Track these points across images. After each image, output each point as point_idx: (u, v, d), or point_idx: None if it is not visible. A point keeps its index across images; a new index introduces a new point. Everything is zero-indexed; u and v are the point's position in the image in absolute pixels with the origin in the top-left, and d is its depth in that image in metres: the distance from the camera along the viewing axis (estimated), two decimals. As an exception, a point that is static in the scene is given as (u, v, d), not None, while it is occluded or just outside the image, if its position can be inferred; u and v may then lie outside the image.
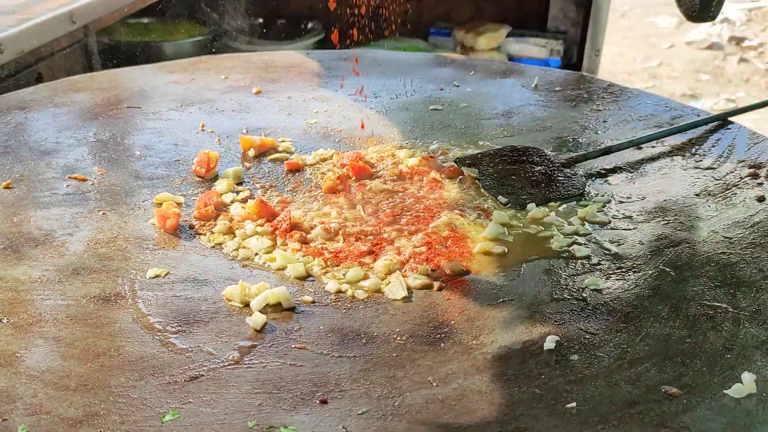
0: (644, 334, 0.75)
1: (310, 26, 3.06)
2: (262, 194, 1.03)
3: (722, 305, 0.79)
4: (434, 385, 0.68)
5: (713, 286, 0.83)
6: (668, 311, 0.78)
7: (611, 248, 0.90)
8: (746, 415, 0.64)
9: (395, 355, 0.72)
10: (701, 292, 0.82)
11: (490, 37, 2.95)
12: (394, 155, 1.14)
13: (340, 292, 0.82)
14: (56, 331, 0.74)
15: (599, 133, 1.24)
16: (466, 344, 0.73)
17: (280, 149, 1.16)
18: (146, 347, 0.72)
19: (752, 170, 1.08)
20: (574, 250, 0.90)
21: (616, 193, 1.04)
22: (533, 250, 0.90)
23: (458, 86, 1.44)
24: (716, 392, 0.66)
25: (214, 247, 0.90)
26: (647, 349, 0.72)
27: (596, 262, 0.88)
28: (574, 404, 0.65)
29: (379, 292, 0.82)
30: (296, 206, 1.00)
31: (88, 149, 1.14)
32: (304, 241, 0.91)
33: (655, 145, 1.18)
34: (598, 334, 0.75)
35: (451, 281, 0.84)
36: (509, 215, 0.97)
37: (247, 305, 0.78)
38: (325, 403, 0.65)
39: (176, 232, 0.92)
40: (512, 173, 1.07)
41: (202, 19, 2.87)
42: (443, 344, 0.73)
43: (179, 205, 0.98)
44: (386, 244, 0.91)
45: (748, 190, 1.03)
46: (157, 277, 0.83)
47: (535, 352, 0.72)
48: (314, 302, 0.80)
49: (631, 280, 0.84)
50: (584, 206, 1.00)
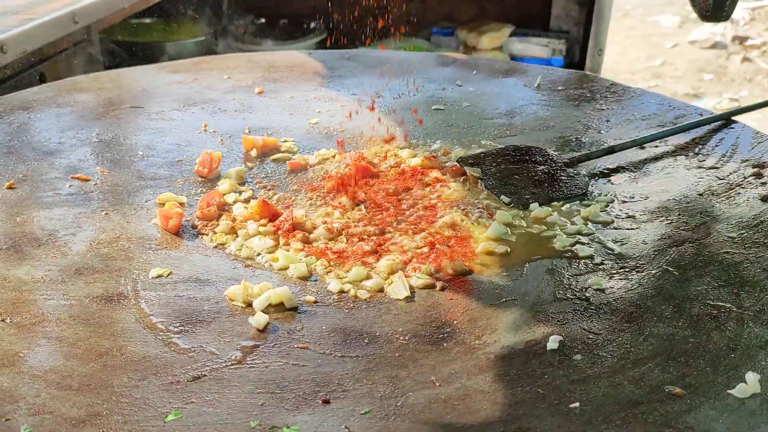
0: (647, 333, 0.75)
1: (312, 26, 3.06)
2: (264, 194, 1.03)
3: (726, 305, 0.79)
4: (437, 385, 0.68)
5: (717, 285, 0.82)
6: (672, 311, 0.78)
7: (614, 248, 0.90)
8: (750, 415, 0.63)
9: (398, 355, 0.72)
10: (705, 291, 0.81)
11: (492, 36, 2.95)
12: (396, 155, 1.14)
13: (342, 292, 0.82)
14: (59, 331, 0.74)
15: (602, 132, 1.23)
16: (468, 344, 0.73)
17: (282, 149, 1.16)
18: (149, 347, 0.72)
19: (756, 170, 1.07)
20: (577, 249, 0.90)
21: (619, 192, 1.04)
22: (536, 249, 0.90)
23: (461, 86, 1.44)
24: (720, 392, 0.66)
25: (216, 247, 0.90)
26: (651, 348, 0.72)
27: (599, 261, 0.87)
28: (577, 404, 0.65)
29: (381, 291, 0.82)
30: (299, 206, 1.00)
31: (90, 149, 1.14)
32: (306, 241, 0.91)
33: (658, 144, 1.18)
34: (601, 333, 0.75)
35: (453, 281, 0.84)
36: (512, 215, 0.97)
37: (249, 305, 0.78)
38: (327, 403, 0.65)
39: (179, 232, 0.92)
40: (515, 173, 1.06)
41: (204, 19, 2.87)
42: (446, 344, 0.73)
43: (182, 205, 0.98)
44: (389, 244, 0.90)
45: (751, 189, 1.03)
46: (159, 277, 0.83)
47: (538, 351, 0.72)
48: (317, 302, 0.80)
49: (634, 279, 0.84)
50: (587, 206, 1.00)
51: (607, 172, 1.10)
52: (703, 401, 0.65)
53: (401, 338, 0.74)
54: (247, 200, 1.00)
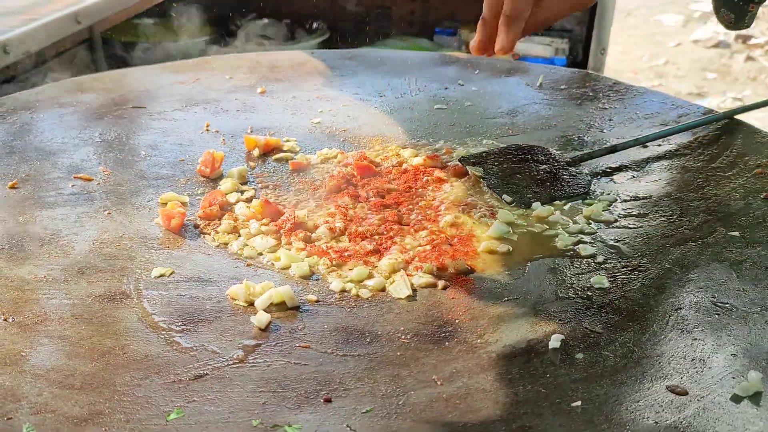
0: (650, 332, 0.75)
1: (315, 26, 3.06)
2: (266, 194, 1.03)
3: (729, 303, 0.79)
4: (439, 383, 0.68)
5: (720, 284, 0.82)
6: (674, 310, 0.78)
7: (617, 247, 0.90)
8: (753, 413, 0.63)
9: (399, 353, 0.72)
10: (708, 290, 0.81)
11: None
12: (398, 154, 1.14)
13: (344, 291, 0.82)
14: (61, 330, 0.74)
15: (605, 131, 1.23)
16: (470, 343, 0.73)
17: (284, 149, 1.16)
18: (151, 346, 0.72)
19: (759, 169, 1.07)
20: (579, 248, 0.89)
21: (621, 191, 1.04)
22: (538, 248, 0.90)
23: (463, 85, 1.44)
24: (723, 391, 0.66)
25: (218, 246, 0.90)
26: (653, 347, 0.72)
27: (602, 260, 0.87)
28: (579, 403, 0.65)
29: (383, 291, 0.82)
30: (301, 206, 1.00)
31: (93, 149, 1.14)
32: (308, 240, 0.91)
33: (661, 143, 1.18)
34: (603, 332, 0.75)
35: (455, 280, 0.84)
36: (515, 214, 0.97)
37: (251, 304, 0.78)
38: (329, 401, 0.65)
39: (181, 231, 0.93)
40: (517, 172, 1.06)
41: (206, 19, 2.87)
42: (448, 343, 0.73)
43: (184, 204, 0.99)
44: (391, 243, 0.90)
45: (755, 188, 1.03)
46: (161, 276, 0.83)
47: (540, 350, 0.72)
48: (318, 301, 0.80)
49: (636, 278, 0.84)
50: (589, 205, 0.99)
51: (609, 171, 1.10)
52: (705, 400, 0.65)
53: (403, 337, 0.74)
54: (249, 200, 1.01)
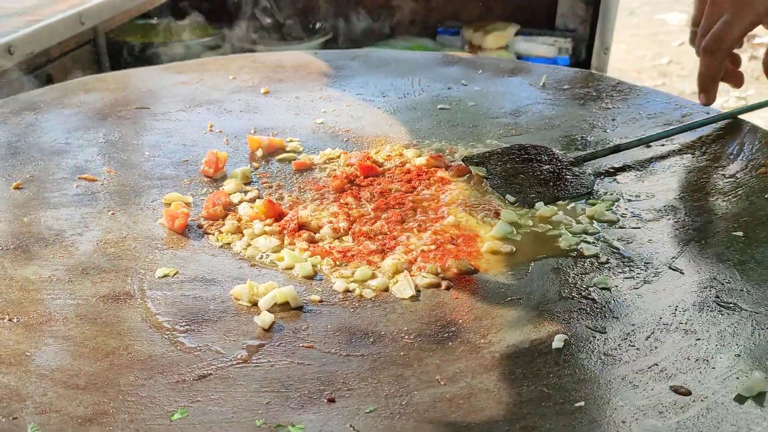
0: (653, 332, 0.74)
1: (318, 26, 3.07)
2: (269, 194, 1.03)
3: (731, 303, 0.79)
4: (442, 383, 0.68)
5: (723, 284, 0.82)
6: (677, 310, 0.78)
7: (620, 247, 0.90)
8: (757, 414, 0.63)
9: (403, 354, 0.72)
10: (711, 290, 0.81)
11: (498, 35, 2.95)
12: (401, 154, 1.14)
13: (347, 291, 0.82)
14: (66, 330, 0.74)
15: (608, 131, 1.23)
16: (473, 343, 0.73)
17: (288, 149, 1.16)
18: (155, 346, 0.72)
19: (763, 168, 1.07)
20: (582, 248, 0.89)
21: (625, 191, 1.04)
22: (541, 248, 0.90)
23: (466, 85, 1.44)
24: (726, 391, 0.66)
25: (222, 246, 0.90)
26: (656, 347, 0.72)
27: (605, 260, 0.87)
28: (582, 403, 0.65)
29: (386, 291, 0.82)
30: (304, 206, 1.00)
31: (97, 150, 1.15)
32: (312, 240, 0.91)
33: (664, 143, 1.18)
34: (606, 332, 0.75)
35: (459, 280, 0.84)
36: (519, 214, 0.97)
37: (255, 304, 0.79)
38: (332, 401, 0.65)
39: (185, 231, 0.93)
40: (520, 172, 1.06)
41: (210, 19, 2.88)
42: (451, 343, 0.73)
43: (188, 205, 0.99)
44: (395, 243, 0.90)
45: (758, 187, 1.03)
46: (165, 276, 0.84)
47: (543, 350, 0.72)
48: (322, 301, 0.80)
49: (639, 278, 0.84)
50: (593, 205, 0.99)
51: (612, 170, 1.10)
52: (709, 400, 0.65)
53: (406, 337, 0.74)
54: (252, 200, 1.01)
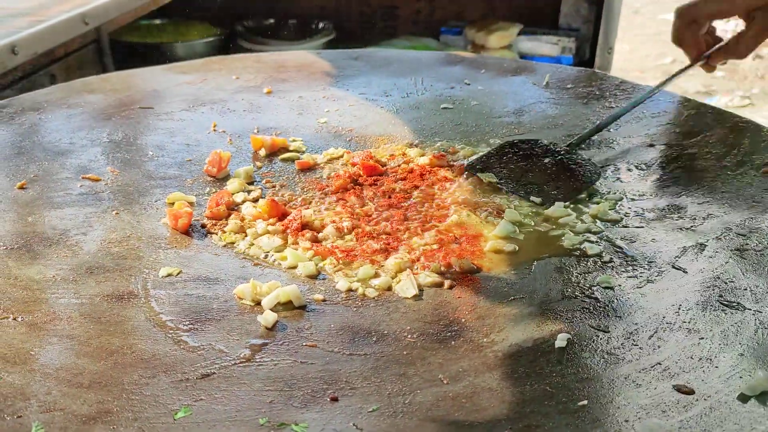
0: (656, 331, 0.74)
1: (321, 26, 3.07)
2: (273, 194, 1.03)
3: (735, 303, 0.79)
4: (445, 382, 0.68)
5: (726, 283, 0.82)
6: (681, 309, 0.78)
7: (623, 246, 0.90)
8: (760, 413, 0.63)
9: (406, 353, 0.72)
10: (714, 289, 0.81)
11: (501, 35, 2.95)
12: (404, 154, 1.14)
13: (350, 290, 0.82)
14: (70, 329, 0.74)
15: (611, 130, 1.23)
16: (476, 342, 0.73)
17: (291, 149, 1.16)
18: (159, 345, 0.72)
19: (766, 167, 1.07)
20: (585, 247, 0.89)
21: (628, 190, 1.03)
22: (544, 248, 0.90)
23: (469, 84, 1.44)
24: (729, 390, 0.66)
25: (225, 246, 0.91)
26: (659, 346, 0.72)
27: (608, 259, 0.87)
28: (585, 402, 0.65)
29: (389, 290, 0.82)
30: (307, 206, 1.00)
31: (101, 150, 1.15)
32: (315, 239, 0.91)
33: (668, 142, 1.18)
34: (609, 331, 0.75)
35: (462, 279, 0.84)
36: (522, 214, 0.97)
37: (258, 303, 0.79)
38: (336, 400, 0.65)
39: (188, 231, 0.93)
40: (526, 170, 1.06)
41: (213, 19, 2.89)
42: (454, 342, 0.73)
43: (191, 204, 0.99)
44: (398, 242, 0.90)
45: (762, 187, 1.02)
46: (169, 275, 0.84)
47: (546, 350, 0.72)
48: (325, 300, 0.80)
49: (642, 277, 0.84)
50: (596, 204, 0.99)
51: (616, 170, 1.10)
52: (712, 399, 0.65)
53: (409, 336, 0.74)
54: (255, 199, 1.01)
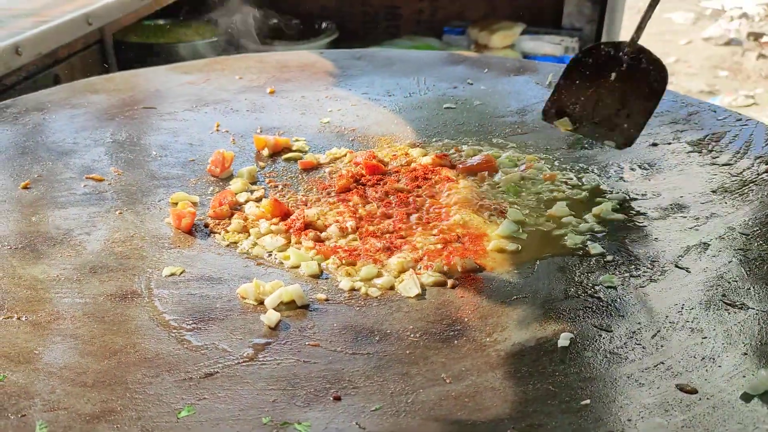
0: (659, 331, 0.74)
1: (324, 26, 3.07)
2: (275, 193, 1.03)
3: (738, 302, 0.78)
4: (447, 382, 0.68)
5: (729, 282, 0.82)
6: (683, 308, 0.78)
7: (626, 245, 0.90)
8: (764, 412, 0.63)
9: (408, 352, 0.72)
10: (717, 288, 0.81)
11: (504, 35, 2.95)
12: (407, 154, 1.14)
13: (353, 289, 0.82)
14: (74, 328, 0.75)
15: (614, 129, 1.23)
16: (479, 341, 0.73)
17: (294, 148, 1.17)
18: (162, 344, 0.72)
19: (770, 166, 1.07)
20: (588, 247, 0.89)
21: (631, 190, 1.03)
22: (547, 247, 0.90)
23: (472, 84, 1.44)
24: (732, 389, 0.66)
25: (228, 245, 0.91)
26: (662, 346, 0.72)
27: (610, 259, 0.87)
28: (588, 401, 0.65)
29: (392, 289, 0.82)
30: (309, 205, 1.00)
31: (104, 150, 1.15)
32: (318, 239, 0.92)
33: (671, 141, 1.18)
34: (612, 331, 0.75)
35: (464, 279, 0.84)
36: (525, 213, 0.97)
37: (261, 303, 0.79)
38: (338, 399, 0.65)
39: (191, 231, 0.93)
40: (597, 100, 1.01)
41: (216, 20, 2.89)
42: (456, 341, 0.73)
43: (194, 204, 0.99)
44: (401, 242, 0.90)
45: (765, 186, 1.02)
46: (172, 275, 0.84)
47: (548, 349, 0.72)
48: (328, 300, 0.80)
49: (645, 277, 0.84)
50: (599, 203, 0.99)
51: (619, 169, 1.10)
52: (715, 398, 0.65)
53: (412, 336, 0.74)
54: (258, 199, 1.01)
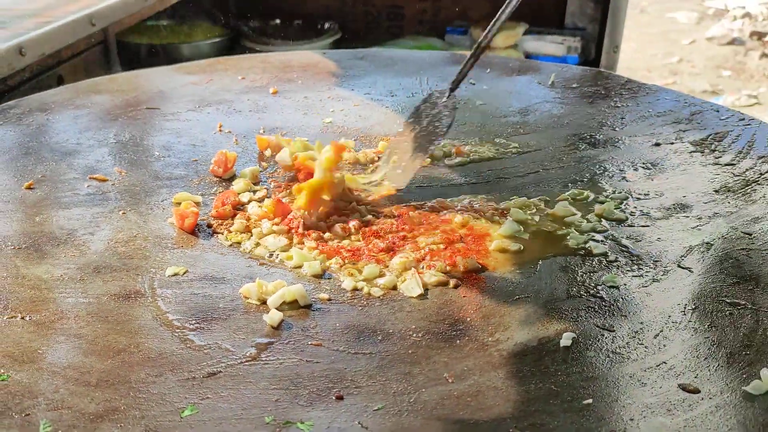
0: (661, 330, 0.74)
1: (326, 26, 3.07)
2: (278, 193, 1.04)
3: (741, 302, 0.78)
4: (450, 381, 0.68)
5: (732, 282, 0.82)
6: (686, 308, 0.78)
7: (628, 245, 0.90)
8: (765, 412, 0.63)
9: (411, 351, 0.72)
10: (720, 288, 0.81)
11: (506, 34, 2.94)
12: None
13: (356, 289, 0.82)
14: (77, 328, 0.75)
15: (617, 129, 1.23)
16: (481, 341, 0.73)
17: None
18: (165, 344, 0.73)
19: (772, 166, 1.07)
20: (590, 247, 0.89)
21: (633, 189, 1.03)
22: (550, 247, 0.90)
23: (474, 84, 1.44)
24: (735, 389, 0.66)
25: (231, 245, 0.91)
26: (664, 345, 0.72)
27: (613, 259, 0.87)
28: (590, 401, 0.65)
29: (394, 289, 0.82)
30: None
31: (108, 150, 1.16)
32: (320, 239, 0.92)
33: (673, 141, 1.17)
34: (614, 330, 0.75)
35: (467, 278, 0.84)
36: (528, 213, 0.97)
37: (264, 303, 0.79)
38: (341, 399, 0.66)
39: (194, 231, 0.93)
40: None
41: (219, 20, 2.89)
42: (459, 341, 0.73)
43: (197, 204, 0.99)
44: (404, 242, 0.91)
45: (767, 186, 1.02)
46: (175, 275, 0.84)
47: (551, 349, 0.72)
48: (330, 299, 0.80)
49: (648, 276, 0.84)
50: (602, 203, 0.99)
51: (621, 169, 1.10)
52: (717, 398, 0.65)
53: (414, 335, 0.74)
54: (261, 199, 1.01)
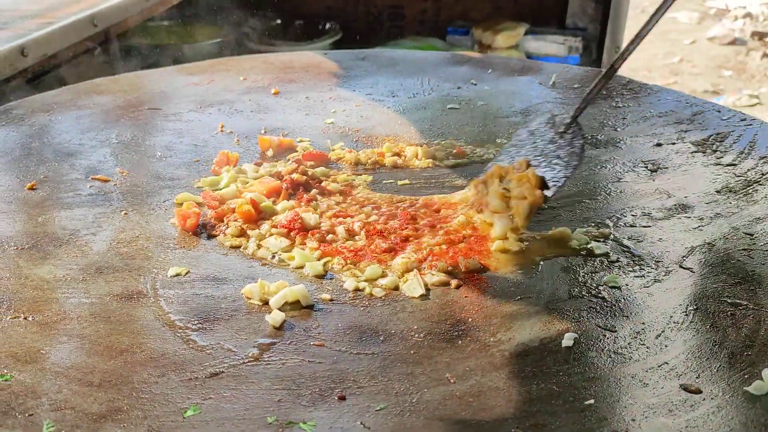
0: (663, 331, 0.74)
1: (327, 27, 3.08)
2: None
3: (743, 302, 0.79)
4: (452, 381, 0.68)
5: (733, 283, 0.82)
6: (688, 308, 0.78)
7: (630, 246, 0.90)
8: (767, 412, 0.63)
9: (413, 352, 0.72)
10: (721, 288, 0.81)
11: (508, 35, 2.94)
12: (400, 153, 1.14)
13: (358, 289, 0.82)
14: (80, 328, 0.75)
15: (618, 130, 1.23)
16: (483, 341, 0.73)
17: (298, 149, 1.17)
18: (168, 344, 0.73)
19: (774, 166, 1.07)
20: (592, 247, 0.89)
21: (635, 189, 1.03)
22: (551, 247, 0.90)
23: (476, 84, 1.44)
24: (736, 389, 0.66)
25: (233, 246, 0.91)
26: (666, 346, 0.72)
27: (615, 259, 0.87)
28: (592, 401, 0.65)
29: (396, 289, 0.82)
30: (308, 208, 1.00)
31: (110, 150, 1.16)
32: (322, 240, 0.92)
33: (675, 141, 1.18)
34: (616, 331, 0.75)
35: (468, 279, 0.84)
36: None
37: (266, 303, 0.79)
38: (343, 399, 0.66)
39: (196, 231, 0.94)
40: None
41: (221, 21, 2.89)
42: (461, 341, 0.74)
43: (199, 205, 1.00)
44: (406, 243, 0.91)
45: (769, 186, 1.02)
46: (178, 275, 0.85)
47: (552, 349, 0.72)
48: (332, 300, 0.80)
49: (650, 277, 0.84)
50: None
51: (623, 169, 1.10)
52: (719, 398, 0.65)
53: (416, 336, 0.74)
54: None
